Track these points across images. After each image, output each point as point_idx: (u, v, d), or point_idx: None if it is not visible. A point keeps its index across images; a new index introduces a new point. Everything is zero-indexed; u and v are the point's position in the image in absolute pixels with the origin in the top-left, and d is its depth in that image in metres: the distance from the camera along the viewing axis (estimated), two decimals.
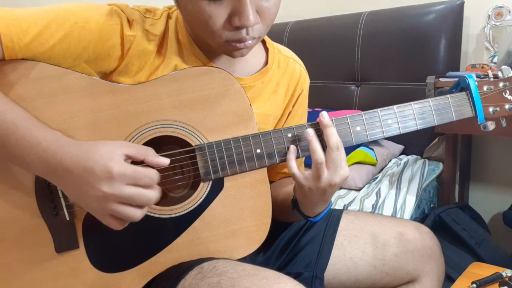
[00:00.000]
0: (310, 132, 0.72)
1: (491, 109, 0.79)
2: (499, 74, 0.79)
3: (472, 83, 0.79)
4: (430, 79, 1.46)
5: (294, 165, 0.74)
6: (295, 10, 2.12)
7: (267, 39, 0.91)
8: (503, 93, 0.78)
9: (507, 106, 0.78)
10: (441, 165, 1.69)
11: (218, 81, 0.74)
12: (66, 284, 0.71)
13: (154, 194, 0.65)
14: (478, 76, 1.42)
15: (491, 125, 0.80)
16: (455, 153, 1.63)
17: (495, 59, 1.56)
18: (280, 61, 0.90)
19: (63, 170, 0.63)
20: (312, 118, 2.13)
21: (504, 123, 0.80)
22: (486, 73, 1.41)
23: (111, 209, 0.63)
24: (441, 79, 1.46)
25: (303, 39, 2.01)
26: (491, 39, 1.69)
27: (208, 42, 0.73)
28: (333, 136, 0.71)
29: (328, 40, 1.93)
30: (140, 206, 0.65)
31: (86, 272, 0.72)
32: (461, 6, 1.66)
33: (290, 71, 0.92)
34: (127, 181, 0.62)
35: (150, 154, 0.67)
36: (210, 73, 0.74)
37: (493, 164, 1.78)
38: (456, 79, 1.42)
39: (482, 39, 1.72)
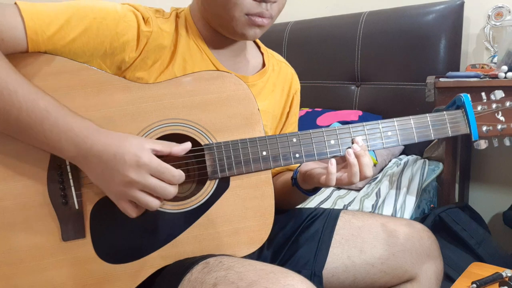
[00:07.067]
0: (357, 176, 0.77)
1: (484, 128, 0.84)
2: (492, 96, 0.84)
3: (468, 102, 0.83)
4: (430, 79, 1.46)
5: (334, 178, 0.78)
6: (295, 10, 2.12)
7: (260, 44, 0.98)
8: (496, 114, 0.84)
9: (499, 127, 0.83)
10: (441, 165, 1.69)
11: (229, 85, 0.77)
12: (69, 272, 0.72)
13: (174, 189, 0.69)
14: (478, 76, 1.42)
15: (483, 144, 0.85)
16: (455, 153, 1.63)
17: (495, 59, 1.56)
18: (274, 65, 0.98)
19: (92, 155, 0.67)
20: (312, 117, 2.11)
21: (496, 143, 0.85)
22: (486, 73, 1.42)
23: (133, 195, 0.67)
24: (441, 79, 1.46)
25: (303, 39, 2.01)
26: (491, 39, 1.69)
27: (227, 20, 0.79)
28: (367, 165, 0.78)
29: (328, 40, 1.93)
30: (159, 197, 0.69)
31: (90, 262, 0.73)
32: (461, 6, 1.66)
33: (284, 74, 1.00)
34: (152, 172, 0.67)
35: (173, 146, 0.71)
36: (222, 77, 0.77)
37: (493, 164, 1.78)
38: (456, 79, 1.43)
39: (482, 39, 1.72)
